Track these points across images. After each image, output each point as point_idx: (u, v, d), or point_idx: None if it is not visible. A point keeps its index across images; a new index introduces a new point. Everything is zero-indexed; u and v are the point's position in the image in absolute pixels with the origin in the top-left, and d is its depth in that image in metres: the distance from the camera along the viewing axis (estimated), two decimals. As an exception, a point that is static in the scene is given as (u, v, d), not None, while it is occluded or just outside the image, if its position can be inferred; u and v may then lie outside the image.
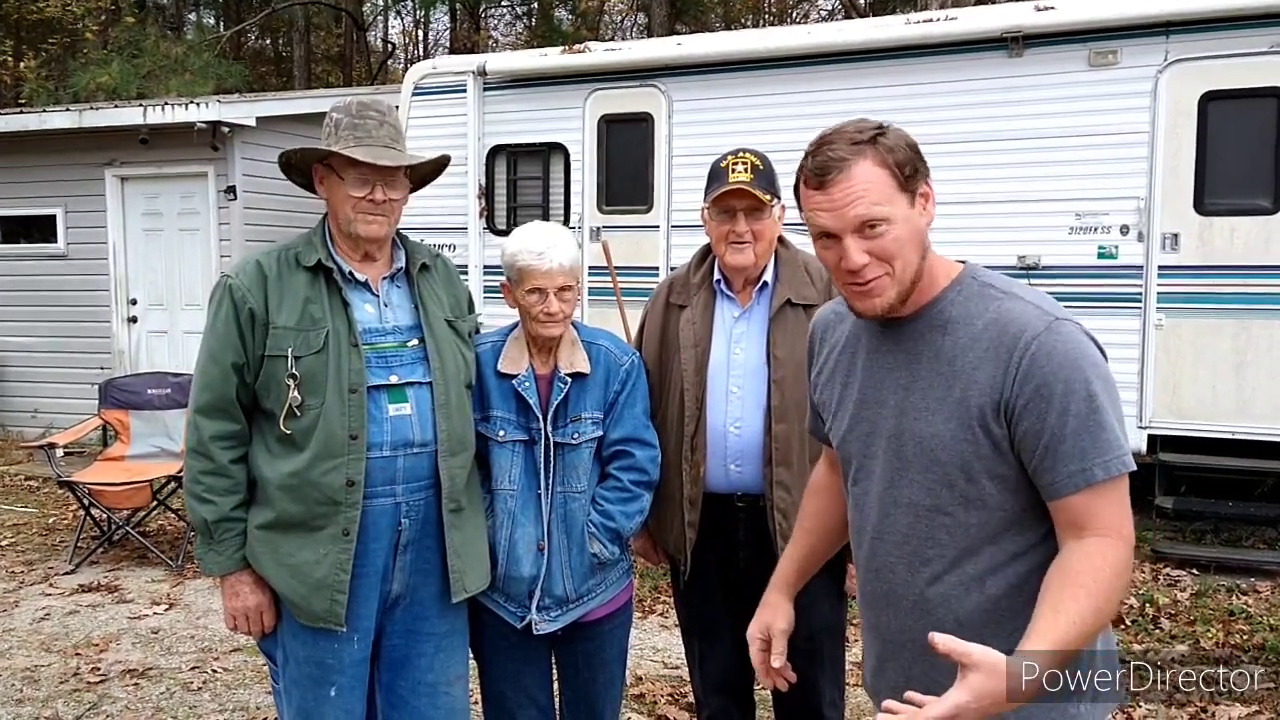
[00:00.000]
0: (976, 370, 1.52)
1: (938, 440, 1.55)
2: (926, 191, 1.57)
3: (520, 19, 23.06)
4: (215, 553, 2.23)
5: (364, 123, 2.19)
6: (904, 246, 1.54)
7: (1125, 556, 1.48)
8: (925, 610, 1.59)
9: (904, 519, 1.61)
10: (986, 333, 1.52)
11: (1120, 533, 1.49)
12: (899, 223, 1.53)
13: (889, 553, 1.64)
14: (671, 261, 6.78)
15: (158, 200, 9.04)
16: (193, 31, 19.77)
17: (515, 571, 2.36)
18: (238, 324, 2.18)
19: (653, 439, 2.45)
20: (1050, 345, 1.47)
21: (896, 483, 1.61)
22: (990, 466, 1.52)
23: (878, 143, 1.52)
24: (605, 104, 7.05)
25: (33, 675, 4.21)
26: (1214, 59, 5.51)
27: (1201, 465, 5.65)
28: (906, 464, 1.59)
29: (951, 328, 1.56)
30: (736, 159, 2.42)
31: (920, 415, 1.57)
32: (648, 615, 4.77)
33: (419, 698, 2.32)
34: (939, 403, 1.55)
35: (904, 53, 6.19)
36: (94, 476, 5.88)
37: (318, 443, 2.15)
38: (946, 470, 1.55)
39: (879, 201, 1.51)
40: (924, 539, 1.59)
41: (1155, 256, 5.66)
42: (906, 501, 1.60)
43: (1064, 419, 1.46)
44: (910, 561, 1.61)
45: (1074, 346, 1.49)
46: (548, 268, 2.31)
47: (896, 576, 1.63)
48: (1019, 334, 1.49)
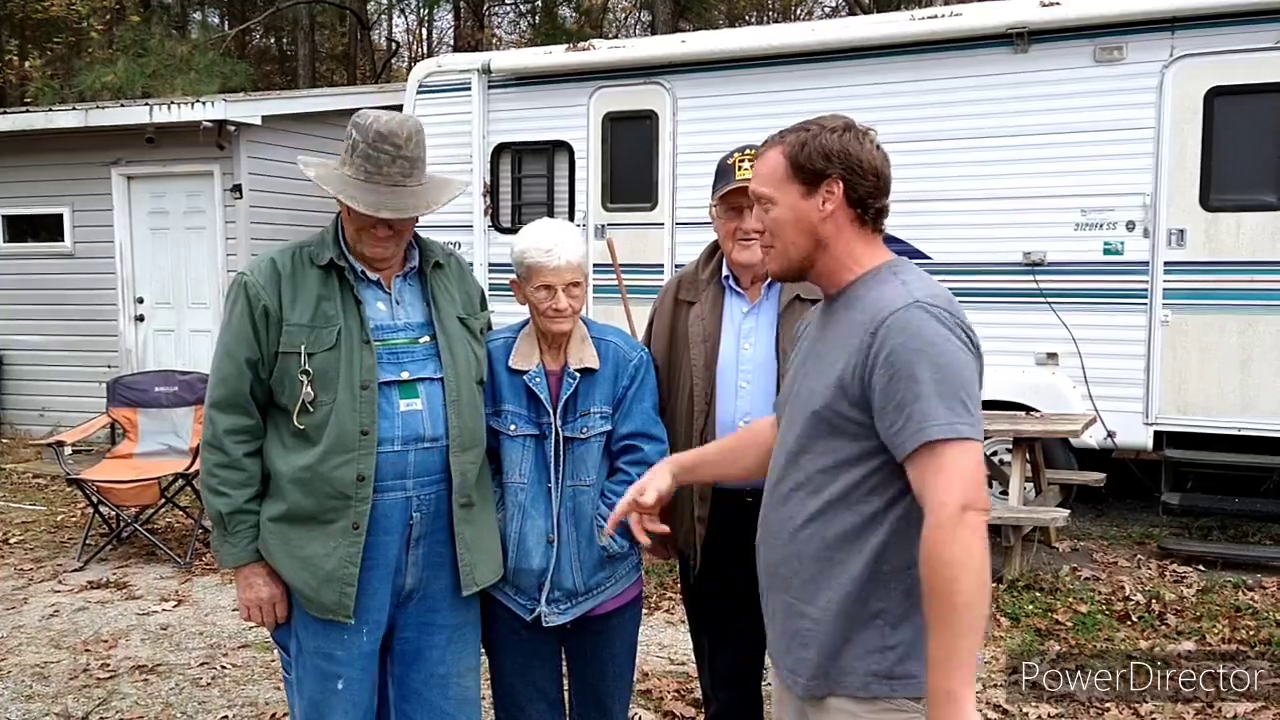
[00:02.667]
0: (849, 339, 1.73)
1: (811, 395, 1.78)
2: (831, 190, 1.77)
3: (524, 17, 23.05)
4: (230, 544, 2.25)
5: (377, 156, 2.16)
6: (784, 227, 1.80)
7: (949, 531, 1.57)
8: (785, 542, 1.82)
9: (779, 461, 1.86)
10: (866, 310, 1.73)
11: (943, 503, 1.58)
12: (782, 206, 1.80)
13: (768, 492, 1.89)
14: (676, 259, 6.79)
15: (164, 199, 9.06)
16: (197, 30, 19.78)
17: (525, 564, 2.38)
18: (252, 321, 2.20)
19: (661, 433, 2.46)
20: (901, 322, 1.66)
21: (784, 436, 1.86)
22: (837, 421, 1.73)
23: (785, 139, 1.80)
24: (609, 102, 7.05)
25: (42, 671, 4.23)
26: (1220, 54, 5.50)
27: (1207, 461, 5.65)
28: (792, 417, 1.84)
29: (852, 306, 1.78)
30: (744, 156, 2.43)
31: (810, 375, 1.82)
32: (654, 612, 4.78)
33: (431, 689, 2.34)
34: (827, 366, 1.77)
35: (909, 49, 6.19)
36: (102, 474, 5.91)
37: (329, 438, 2.17)
38: (808, 419, 1.77)
39: (767, 184, 1.82)
40: (782, 477, 1.84)
41: (1161, 252, 5.66)
42: (781, 444, 1.86)
43: (910, 385, 1.63)
44: (774, 497, 1.86)
45: (918, 327, 1.66)
46: (556, 264, 2.33)
47: (768, 512, 1.88)
48: (880, 310, 1.69)
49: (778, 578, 1.84)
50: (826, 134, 1.77)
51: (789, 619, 1.82)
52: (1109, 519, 6.35)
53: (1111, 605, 4.73)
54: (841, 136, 1.77)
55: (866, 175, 1.76)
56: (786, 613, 1.83)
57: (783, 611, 1.84)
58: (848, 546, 1.73)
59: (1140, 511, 6.38)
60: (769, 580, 1.89)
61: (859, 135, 1.78)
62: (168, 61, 14.37)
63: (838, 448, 1.73)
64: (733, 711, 2.66)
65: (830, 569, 1.74)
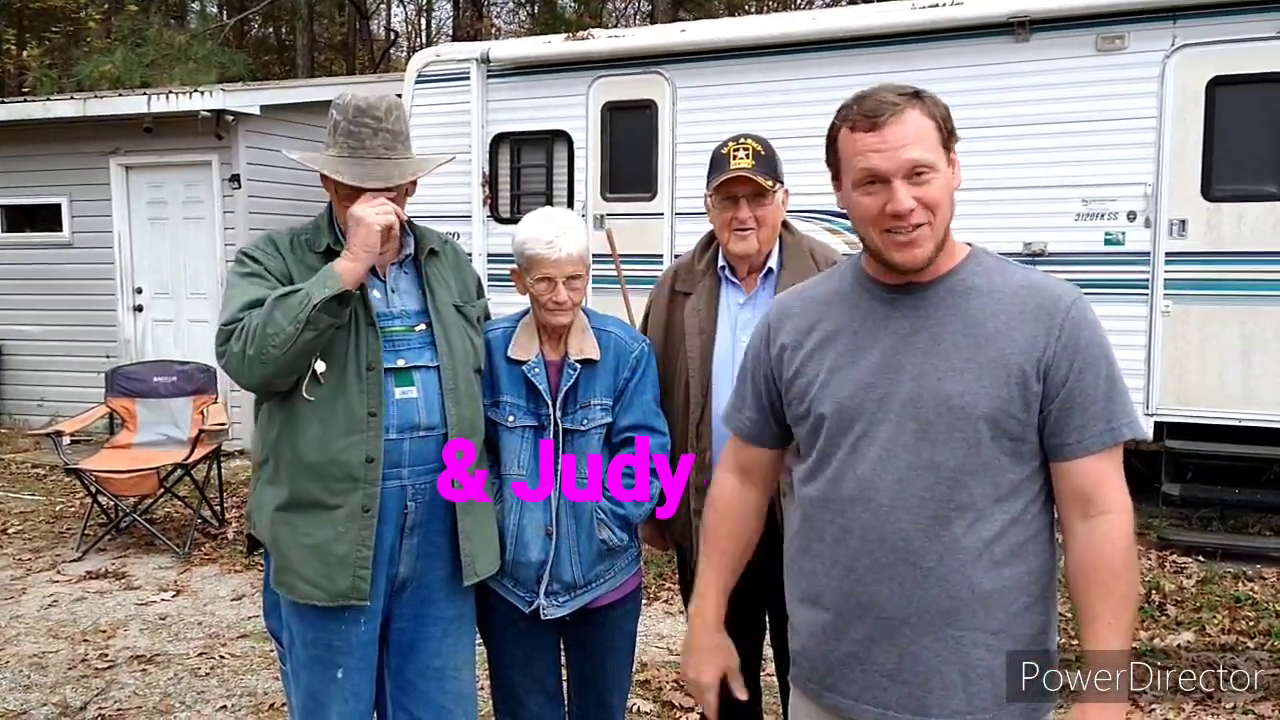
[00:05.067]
0: (1014, 330, 1.57)
1: (969, 397, 1.56)
2: (954, 159, 1.62)
3: (523, 6, 22.97)
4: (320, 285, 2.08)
5: (359, 130, 2.16)
6: (945, 199, 1.59)
7: (1132, 530, 1.61)
8: (941, 577, 1.57)
9: (924, 481, 1.57)
10: (1018, 297, 1.59)
11: (1125, 506, 1.60)
12: (942, 174, 1.58)
13: (900, 519, 1.58)
14: (676, 249, 6.76)
15: (162, 189, 9.03)
16: (196, 20, 19.71)
17: (524, 557, 2.37)
18: (265, 273, 2.18)
19: (663, 426, 2.45)
20: (1084, 313, 1.59)
21: (915, 447, 1.58)
22: (1014, 427, 1.57)
23: (924, 97, 1.60)
24: (609, 91, 7.02)
25: (41, 662, 4.23)
26: (1221, 44, 5.47)
27: (1208, 452, 5.64)
28: (928, 425, 1.57)
29: (976, 294, 1.61)
30: (738, 145, 2.41)
31: (946, 376, 1.58)
32: (652, 602, 4.77)
33: (427, 682, 2.33)
34: (968, 363, 1.57)
35: (910, 38, 6.15)
36: (101, 464, 5.91)
37: (337, 417, 2.15)
38: (976, 428, 1.56)
39: (930, 149, 1.57)
40: (944, 501, 1.57)
41: (1162, 243, 5.64)
42: (928, 463, 1.57)
43: (1097, 381, 1.57)
44: (929, 526, 1.57)
45: (1096, 319, 1.61)
46: (556, 257, 2.31)
47: (912, 544, 1.58)
48: (1057, 299, 1.58)
49: (936, 614, 1.58)
50: (929, 95, 1.61)
51: (956, 655, 1.59)
52: (1108, 510, 6.34)
53: (1111, 596, 4.73)
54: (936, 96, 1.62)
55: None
56: (953, 650, 1.59)
57: (945, 650, 1.59)
58: (1014, 563, 1.59)
59: (1140, 502, 6.29)
60: (919, 619, 1.59)
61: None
62: (166, 51, 14.33)
63: (1001, 461, 1.57)
64: (731, 702, 2.65)
65: (1006, 593, 1.59)
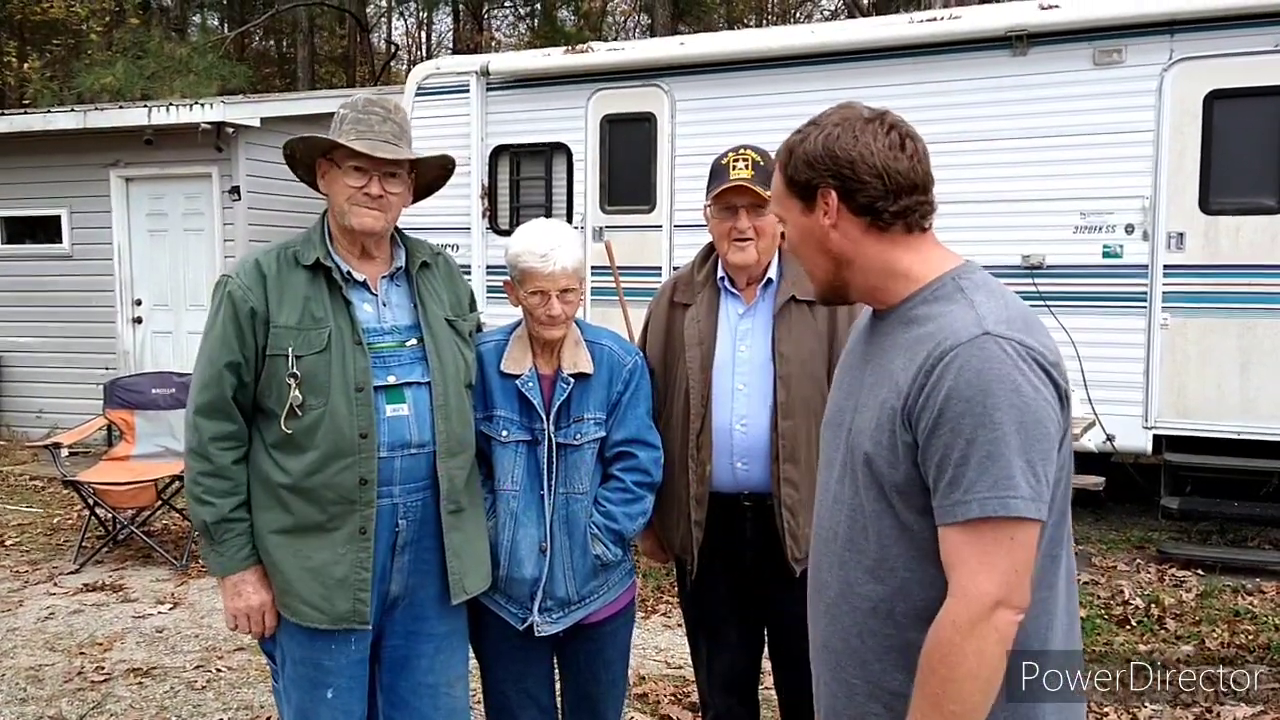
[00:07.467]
0: (899, 371, 1.43)
1: (860, 436, 1.48)
2: (826, 201, 1.53)
3: (523, 19, 23.07)
4: (217, 554, 2.22)
5: (367, 118, 2.19)
6: (799, 249, 1.60)
7: (966, 624, 1.32)
8: (834, 617, 1.53)
9: (842, 516, 1.53)
10: (925, 330, 1.43)
11: (969, 594, 1.32)
12: (791, 226, 1.60)
13: (821, 550, 1.58)
14: (674, 261, 6.77)
15: (162, 201, 9.05)
16: (197, 33, 19.79)
17: (517, 573, 2.35)
18: (237, 324, 2.16)
19: (655, 440, 2.44)
20: (966, 358, 1.35)
21: (842, 478, 1.54)
22: (891, 475, 1.43)
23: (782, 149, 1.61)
24: (608, 104, 7.04)
25: (37, 674, 4.21)
26: (1219, 58, 5.49)
27: (1207, 465, 5.63)
28: (849, 460, 1.51)
29: (916, 324, 1.46)
30: (737, 155, 2.41)
31: (861, 410, 1.51)
32: (650, 615, 4.76)
33: (420, 699, 2.31)
34: (869, 399, 1.49)
35: (908, 52, 6.18)
36: (99, 476, 5.89)
37: (326, 442, 2.14)
38: (862, 470, 1.47)
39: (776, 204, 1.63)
40: (846, 541, 1.51)
41: (1160, 256, 5.65)
42: (845, 499, 1.52)
43: (954, 441, 1.33)
44: (836, 562, 1.54)
45: (992, 367, 1.34)
46: (550, 270, 2.30)
47: (821, 575, 1.58)
48: (941, 341, 1.38)
49: (830, 653, 1.55)
50: (813, 138, 1.52)
51: (850, 703, 1.52)
52: (1108, 523, 6.32)
53: (1110, 609, 4.72)
54: (828, 136, 1.50)
55: (863, 177, 1.47)
56: (847, 694, 1.53)
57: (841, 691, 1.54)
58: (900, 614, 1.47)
59: (1139, 515, 6.36)
60: (825, 652, 1.58)
61: (856, 129, 1.50)
62: (167, 63, 14.39)
63: (893, 509, 1.44)
64: (730, 716, 2.64)
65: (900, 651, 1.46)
